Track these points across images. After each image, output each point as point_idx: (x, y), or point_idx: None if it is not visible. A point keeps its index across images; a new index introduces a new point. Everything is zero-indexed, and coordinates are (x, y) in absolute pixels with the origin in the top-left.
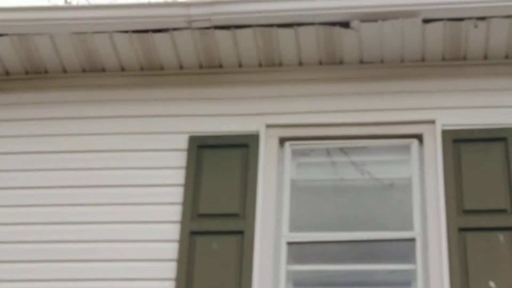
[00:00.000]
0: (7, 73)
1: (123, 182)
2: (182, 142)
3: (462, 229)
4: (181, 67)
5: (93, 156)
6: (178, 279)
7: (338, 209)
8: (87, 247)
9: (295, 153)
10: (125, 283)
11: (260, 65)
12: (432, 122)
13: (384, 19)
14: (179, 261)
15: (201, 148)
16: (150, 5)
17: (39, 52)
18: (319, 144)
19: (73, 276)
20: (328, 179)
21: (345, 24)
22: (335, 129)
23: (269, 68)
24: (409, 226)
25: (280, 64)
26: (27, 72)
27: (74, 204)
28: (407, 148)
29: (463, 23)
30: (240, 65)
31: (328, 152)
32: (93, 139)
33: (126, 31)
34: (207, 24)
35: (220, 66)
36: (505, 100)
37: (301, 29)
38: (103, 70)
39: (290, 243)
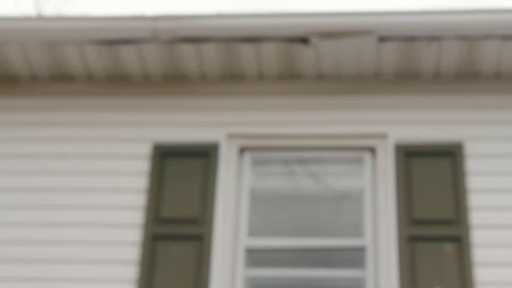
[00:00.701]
0: None
1: (88, 186)
2: (146, 149)
3: (412, 238)
4: (146, 77)
5: (59, 161)
6: (140, 282)
7: (295, 217)
8: (51, 250)
9: (254, 162)
10: (88, 285)
11: (222, 77)
12: (385, 136)
13: (341, 36)
14: (141, 263)
15: (165, 155)
16: (118, 18)
17: (8, 60)
18: (277, 154)
19: (36, 277)
20: (286, 188)
21: (304, 40)
22: (293, 140)
23: (231, 80)
24: (360, 235)
25: (242, 77)
26: None
27: (38, 207)
28: (360, 160)
29: (416, 42)
30: (203, 77)
31: (286, 162)
32: (59, 144)
33: (94, 42)
34: (173, 37)
35: (184, 77)
36: (455, 117)
37: (262, 44)
38: (72, 78)
39: (248, 249)
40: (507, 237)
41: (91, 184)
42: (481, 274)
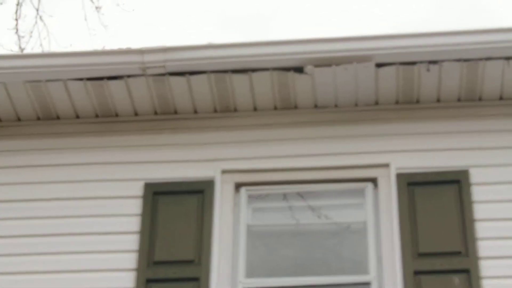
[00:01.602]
0: None
1: (78, 230)
2: (138, 189)
3: (418, 272)
4: (136, 114)
5: (48, 205)
6: None
7: (295, 254)
8: None
9: (251, 198)
10: None
11: (215, 110)
12: (387, 165)
13: (337, 64)
14: None
15: (157, 194)
16: (104, 52)
17: None
18: (275, 189)
19: None
20: (284, 223)
21: (299, 69)
22: (291, 173)
23: (224, 113)
24: (365, 270)
25: (235, 110)
26: None
27: (28, 253)
28: (362, 192)
29: (415, 67)
30: (195, 111)
31: (284, 196)
32: (48, 187)
33: (80, 79)
34: (162, 71)
35: (175, 112)
36: (458, 143)
37: (255, 75)
38: (58, 118)
39: None
40: None
41: (82, 228)
42: None
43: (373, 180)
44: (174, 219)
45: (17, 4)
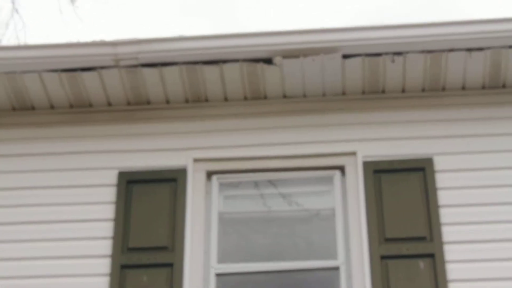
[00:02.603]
0: None
1: (54, 218)
2: (112, 177)
3: (384, 257)
4: (109, 104)
5: (23, 193)
6: None
7: (266, 240)
8: (20, 283)
9: (222, 186)
10: None
11: (186, 101)
12: (353, 153)
13: (305, 55)
14: None
15: (130, 183)
16: (78, 45)
17: None
18: (245, 177)
19: None
20: (255, 210)
21: (268, 61)
22: (261, 162)
23: (195, 104)
24: (333, 255)
25: (206, 100)
26: None
27: (3, 240)
28: (330, 179)
29: (381, 58)
30: (167, 102)
31: (256, 184)
32: (22, 176)
33: (55, 70)
34: (134, 62)
35: (148, 102)
36: (423, 131)
37: (226, 66)
38: (33, 108)
39: (218, 275)
40: (481, 252)
41: (57, 216)
42: None
43: (341, 168)
44: (148, 207)
45: None
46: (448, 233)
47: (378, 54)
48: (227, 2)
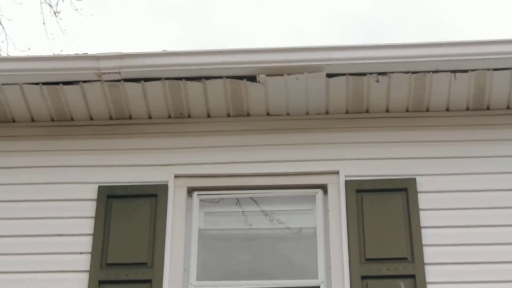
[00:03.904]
0: None
1: (33, 232)
2: (92, 192)
3: (365, 277)
4: (91, 118)
5: (3, 206)
6: None
7: (246, 258)
8: None
9: (203, 203)
10: None
11: (169, 116)
12: (336, 172)
13: (289, 74)
14: None
15: (110, 198)
16: (60, 58)
17: None
18: (226, 194)
19: None
20: (236, 227)
21: (252, 78)
22: (243, 179)
23: (178, 119)
24: (314, 274)
25: (189, 116)
26: None
27: None
28: (312, 198)
29: (365, 77)
30: (150, 117)
31: (237, 201)
32: (3, 189)
33: (36, 83)
34: (117, 77)
35: (130, 117)
36: (406, 152)
37: (209, 82)
38: (14, 121)
39: None
40: (462, 273)
41: (36, 230)
42: None
43: (323, 187)
44: (127, 222)
45: None
46: (429, 254)
47: (362, 74)
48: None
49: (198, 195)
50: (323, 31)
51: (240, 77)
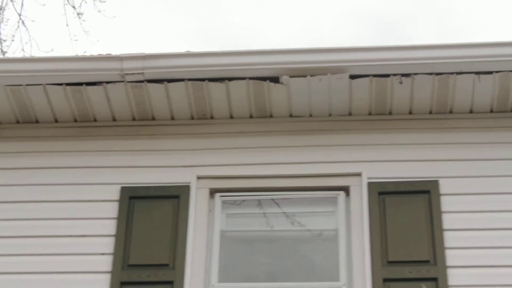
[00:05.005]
0: None
1: (55, 232)
2: (114, 193)
3: (387, 280)
4: (114, 119)
5: (26, 207)
6: None
7: (267, 260)
8: None
9: (225, 204)
10: None
11: (191, 118)
12: (359, 174)
13: (312, 75)
14: None
15: (133, 199)
16: (83, 58)
17: None
18: (248, 196)
19: None
20: (257, 229)
21: (275, 79)
22: (265, 181)
23: (200, 121)
24: (335, 277)
25: (212, 117)
26: None
27: (4, 254)
28: (334, 200)
29: (388, 79)
30: (172, 118)
31: (259, 203)
32: (25, 190)
33: (60, 84)
34: (140, 78)
35: (153, 118)
36: (429, 154)
37: (232, 84)
38: (37, 121)
39: None
40: (484, 276)
41: (58, 231)
42: None
43: (345, 189)
44: (149, 223)
45: (0, 8)
46: (452, 257)
47: (386, 75)
48: (239, 21)
49: (220, 196)
50: (336, 26)
51: (263, 78)
